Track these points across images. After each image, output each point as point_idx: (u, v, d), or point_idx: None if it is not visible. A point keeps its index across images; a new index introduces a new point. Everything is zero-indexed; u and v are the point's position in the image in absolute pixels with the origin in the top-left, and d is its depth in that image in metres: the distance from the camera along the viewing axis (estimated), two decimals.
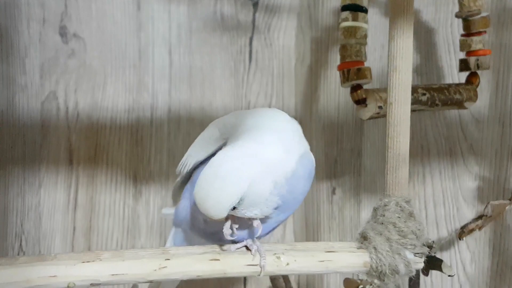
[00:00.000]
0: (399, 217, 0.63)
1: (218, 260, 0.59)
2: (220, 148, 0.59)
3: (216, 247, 0.61)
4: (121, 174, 0.92)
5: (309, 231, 0.96)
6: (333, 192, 0.97)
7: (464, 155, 0.99)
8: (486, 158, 0.99)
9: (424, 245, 0.63)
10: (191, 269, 0.58)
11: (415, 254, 0.62)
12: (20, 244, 0.90)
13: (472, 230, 0.87)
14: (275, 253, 0.60)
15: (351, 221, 0.97)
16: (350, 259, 0.62)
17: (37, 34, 0.88)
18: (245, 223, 0.59)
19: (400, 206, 0.63)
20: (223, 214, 0.55)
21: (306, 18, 0.94)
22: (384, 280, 0.62)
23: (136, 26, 0.91)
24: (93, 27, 0.90)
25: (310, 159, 0.62)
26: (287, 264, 0.60)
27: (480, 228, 0.87)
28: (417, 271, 0.64)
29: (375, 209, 0.65)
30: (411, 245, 0.62)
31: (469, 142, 0.99)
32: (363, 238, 0.64)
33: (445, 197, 0.99)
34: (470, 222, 0.88)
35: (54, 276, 0.55)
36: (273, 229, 0.64)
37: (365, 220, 0.97)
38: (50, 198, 0.91)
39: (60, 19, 0.89)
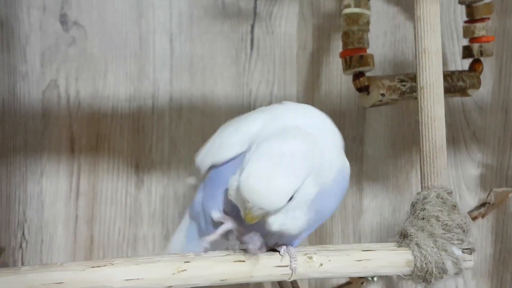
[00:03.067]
0: (442, 210, 0.57)
1: (244, 261, 0.53)
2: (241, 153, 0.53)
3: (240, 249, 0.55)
4: (123, 162, 0.92)
5: None
6: None
7: (467, 142, 0.99)
8: (489, 145, 0.99)
9: (471, 241, 0.57)
10: (213, 271, 0.53)
11: (463, 250, 0.57)
12: (23, 233, 0.90)
13: (475, 218, 0.87)
14: (306, 253, 0.55)
15: (353, 209, 0.97)
16: (391, 257, 0.56)
17: (37, 22, 0.88)
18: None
19: (442, 198, 0.58)
20: (281, 203, 0.48)
21: (307, 5, 0.93)
22: (430, 282, 0.55)
23: (137, 14, 0.90)
24: (93, 15, 0.89)
25: (346, 176, 0.57)
26: (321, 264, 0.55)
27: (483, 216, 0.88)
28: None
29: (413, 204, 0.59)
30: (457, 240, 0.56)
31: (472, 130, 0.99)
32: (403, 237, 0.58)
33: (448, 185, 0.99)
34: (473, 210, 0.88)
35: (61, 283, 0.50)
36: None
37: (367, 208, 0.97)
38: (52, 187, 0.91)
39: (60, 7, 0.88)
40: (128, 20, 0.90)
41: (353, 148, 0.97)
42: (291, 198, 0.48)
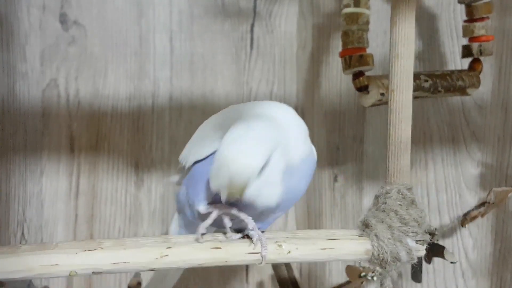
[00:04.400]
0: (401, 205, 0.63)
1: (220, 248, 0.58)
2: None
3: (217, 235, 0.60)
4: (123, 161, 0.92)
5: (311, 219, 0.97)
6: (335, 179, 0.97)
7: (467, 141, 0.99)
8: (488, 144, 0.99)
9: (426, 232, 0.63)
10: (192, 257, 0.58)
11: (416, 241, 0.62)
12: (22, 232, 0.90)
13: (474, 217, 0.87)
14: (276, 241, 0.60)
15: (353, 208, 0.97)
16: (352, 246, 0.62)
17: (37, 21, 0.88)
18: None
19: (402, 194, 0.63)
20: (256, 167, 0.52)
21: (307, 4, 0.93)
22: (385, 268, 0.62)
23: (137, 13, 0.90)
24: (93, 13, 0.89)
25: (314, 160, 0.62)
26: (289, 252, 0.60)
27: (483, 215, 0.87)
28: (419, 258, 0.64)
29: (376, 197, 0.65)
30: (412, 232, 0.62)
31: (472, 129, 0.99)
32: (365, 226, 0.63)
33: (448, 184, 0.99)
34: (473, 209, 0.88)
35: (56, 264, 0.55)
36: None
37: (367, 207, 0.97)
38: (52, 186, 0.91)
39: (60, 6, 0.88)
40: (128, 19, 0.90)
41: (353, 147, 0.97)
42: (264, 168, 0.53)
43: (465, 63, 0.88)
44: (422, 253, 0.63)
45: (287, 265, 0.82)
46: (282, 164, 0.55)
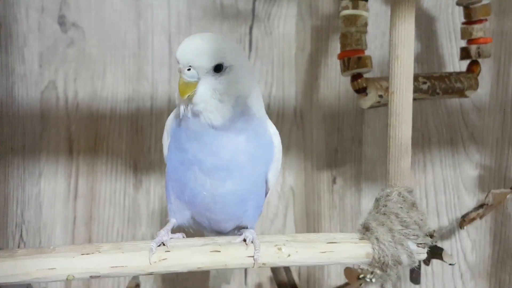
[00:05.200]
0: (402, 208, 0.62)
1: (219, 251, 0.58)
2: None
3: (216, 239, 0.60)
4: (122, 163, 0.92)
5: (310, 220, 0.96)
6: (334, 181, 0.97)
7: (465, 143, 0.99)
8: (487, 146, 0.99)
9: (426, 235, 0.62)
10: (191, 261, 0.58)
11: (417, 244, 0.62)
12: (21, 234, 0.90)
13: (473, 219, 0.87)
14: (276, 245, 0.60)
15: (351, 210, 0.97)
16: (352, 250, 0.61)
17: (36, 23, 0.88)
18: None
19: (403, 197, 0.63)
20: (208, 58, 0.55)
21: (306, 6, 0.93)
22: (386, 271, 0.61)
23: (136, 14, 0.90)
24: (92, 15, 0.89)
25: (276, 143, 0.63)
26: (289, 255, 0.60)
27: (481, 217, 0.88)
28: (419, 261, 0.64)
29: (377, 200, 0.64)
30: (413, 235, 0.61)
31: (470, 131, 0.99)
32: (365, 229, 0.63)
33: (446, 186, 0.99)
34: (471, 211, 0.88)
35: (53, 268, 0.55)
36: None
37: (365, 209, 0.97)
38: (51, 188, 0.91)
39: (58, 8, 0.88)
40: (127, 21, 0.90)
41: (352, 149, 0.97)
42: (219, 70, 0.56)
43: (464, 65, 0.88)
44: (423, 256, 0.63)
45: (286, 268, 0.82)
46: (240, 87, 0.57)
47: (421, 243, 0.62)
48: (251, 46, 0.93)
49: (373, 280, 0.91)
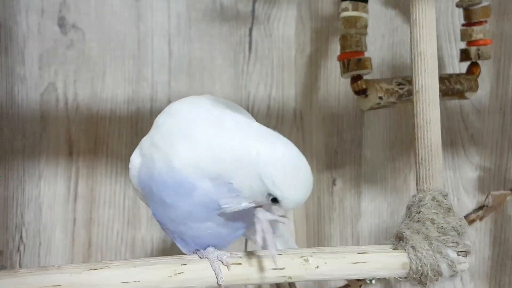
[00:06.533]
0: (437, 213, 0.57)
1: (240, 264, 0.54)
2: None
3: (236, 252, 0.56)
4: (121, 165, 0.92)
5: (309, 223, 0.96)
6: (334, 183, 0.97)
7: (465, 145, 0.99)
8: (487, 148, 0.99)
9: (466, 243, 0.57)
10: (209, 274, 0.53)
11: (458, 252, 0.57)
12: (21, 236, 0.90)
13: (473, 221, 0.87)
14: (302, 256, 0.55)
15: (351, 211, 0.97)
16: (386, 260, 0.57)
17: (35, 25, 0.88)
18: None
19: (437, 201, 0.58)
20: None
21: (306, 8, 0.93)
22: (426, 284, 0.56)
23: (135, 16, 0.90)
24: (91, 17, 0.89)
25: None
26: (317, 267, 0.55)
27: (481, 219, 0.88)
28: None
29: (408, 207, 0.60)
30: (453, 242, 0.56)
31: (470, 132, 0.99)
32: (399, 239, 0.58)
33: (446, 187, 0.99)
34: (471, 213, 0.88)
35: (58, 285, 0.51)
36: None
37: (365, 211, 0.97)
38: (50, 190, 0.91)
39: (58, 9, 0.88)
40: (126, 22, 0.90)
41: (351, 151, 0.97)
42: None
43: (463, 66, 0.88)
44: (465, 266, 0.57)
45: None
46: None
47: (461, 251, 0.57)
48: (251, 48, 0.93)
49: (373, 282, 0.91)
